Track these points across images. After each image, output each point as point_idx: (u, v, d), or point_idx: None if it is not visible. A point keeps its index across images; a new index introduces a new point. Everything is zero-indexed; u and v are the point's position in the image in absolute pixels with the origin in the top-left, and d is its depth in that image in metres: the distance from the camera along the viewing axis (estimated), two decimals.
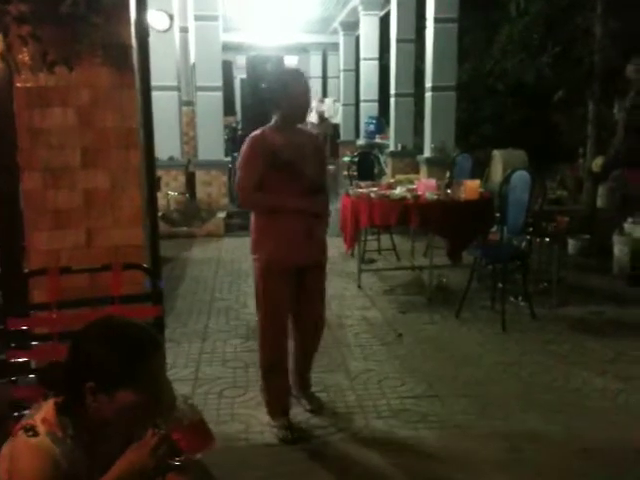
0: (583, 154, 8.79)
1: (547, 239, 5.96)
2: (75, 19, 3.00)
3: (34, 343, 2.52)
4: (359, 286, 6.34)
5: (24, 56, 3.10)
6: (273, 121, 3.42)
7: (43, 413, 1.66)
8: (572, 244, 7.43)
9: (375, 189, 6.37)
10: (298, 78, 3.43)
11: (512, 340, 4.86)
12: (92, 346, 1.65)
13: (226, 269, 7.34)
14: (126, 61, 3.34)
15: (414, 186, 6.39)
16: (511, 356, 4.54)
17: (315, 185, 3.42)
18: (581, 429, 3.51)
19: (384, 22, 13.42)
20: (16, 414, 2.22)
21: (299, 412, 3.65)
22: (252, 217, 3.47)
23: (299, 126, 3.54)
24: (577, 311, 5.51)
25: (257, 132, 3.39)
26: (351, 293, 6.18)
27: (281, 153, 3.29)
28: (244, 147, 3.37)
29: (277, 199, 3.33)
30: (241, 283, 6.65)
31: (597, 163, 8.06)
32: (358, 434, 3.48)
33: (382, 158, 11.61)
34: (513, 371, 4.28)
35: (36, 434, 1.60)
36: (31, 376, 2.50)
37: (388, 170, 11.17)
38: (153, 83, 3.79)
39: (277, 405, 3.53)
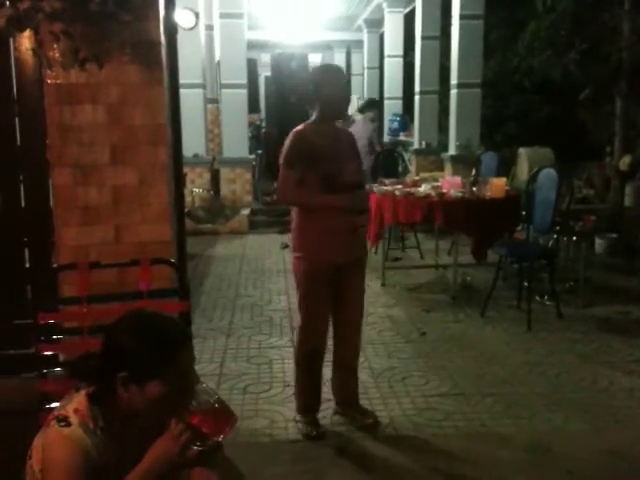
0: (610, 152, 8.69)
1: (574, 238, 5.90)
2: (105, 16, 3.03)
3: (63, 337, 2.56)
4: (383, 284, 6.33)
5: (54, 53, 3.14)
6: (312, 117, 3.39)
7: (75, 404, 1.68)
8: (599, 243, 7.35)
9: (400, 186, 6.35)
10: (337, 74, 3.41)
11: (538, 339, 4.82)
12: (124, 337, 1.68)
13: (250, 266, 7.38)
14: (155, 58, 3.37)
15: (439, 183, 6.36)
16: (537, 355, 4.50)
17: (354, 181, 3.38)
18: (608, 429, 3.48)
19: (408, 19, 13.37)
20: (46, 406, 2.26)
21: (322, 408, 3.64)
22: (294, 215, 3.41)
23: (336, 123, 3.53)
24: (604, 311, 5.45)
25: (299, 128, 3.35)
26: (375, 290, 6.17)
27: (320, 149, 3.26)
28: (287, 143, 3.31)
29: (319, 196, 3.28)
30: (265, 280, 6.67)
31: (625, 161, 7.97)
32: (382, 432, 3.47)
33: (406, 156, 11.57)
34: (539, 370, 4.24)
35: (68, 424, 1.63)
36: (59, 369, 2.54)
37: (412, 168, 11.13)
38: (179, 81, 3.82)
39: (306, 397, 3.52)
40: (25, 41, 3.28)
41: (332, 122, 3.43)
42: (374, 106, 8.59)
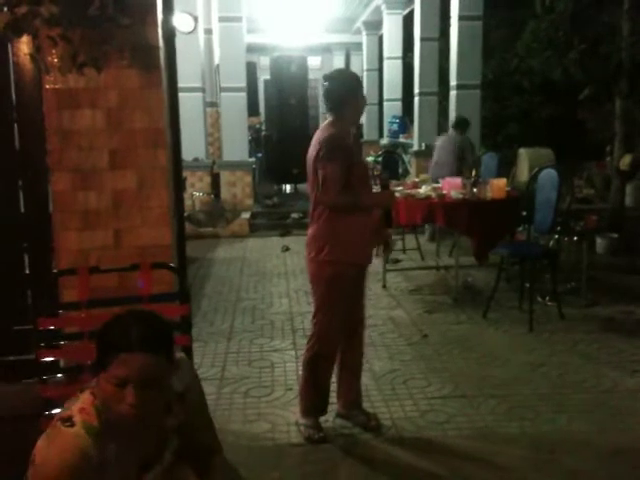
0: (611, 152, 8.69)
1: (575, 238, 5.90)
2: (103, 20, 3.01)
3: (63, 342, 2.54)
4: (384, 286, 6.32)
5: (53, 58, 3.13)
6: (336, 120, 3.38)
7: (80, 403, 1.71)
8: (600, 243, 7.34)
9: (400, 188, 6.34)
10: (361, 82, 3.53)
11: (540, 340, 4.81)
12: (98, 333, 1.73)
13: (251, 269, 7.37)
14: (153, 62, 3.36)
15: (439, 185, 6.36)
16: (539, 356, 4.49)
17: (381, 181, 3.62)
18: (612, 430, 3.46)
19: (407, 21, 13.38)
20: (47, 412, 2.25)
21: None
22: (324, 220, 3.32)
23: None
24: (606, 311, 5.43)
25: (334, 131, 3.32)
26: (376, 293, 6.15)
27: (353, 151, 3.35)
28: (326, 147, 3.26)
29: (362, 196, 3.32)
30: (266, 283, 6.67)
31: (625, 161, 7.97)
32: (384, 434, 3.46)
33: (406, 157, 11.57)
34: (542, 371, 4.23)
35: (72, 424, 1.64)
36: (59, 375, 2.53)
37: (412, 169, 11.12)
38: (178, 84, 3.81)
39: (313, 400, 3.49)
40: (23, 46, 3.27)
41: (352, 127, 3.52)
42: (466, 122, 8.50)
